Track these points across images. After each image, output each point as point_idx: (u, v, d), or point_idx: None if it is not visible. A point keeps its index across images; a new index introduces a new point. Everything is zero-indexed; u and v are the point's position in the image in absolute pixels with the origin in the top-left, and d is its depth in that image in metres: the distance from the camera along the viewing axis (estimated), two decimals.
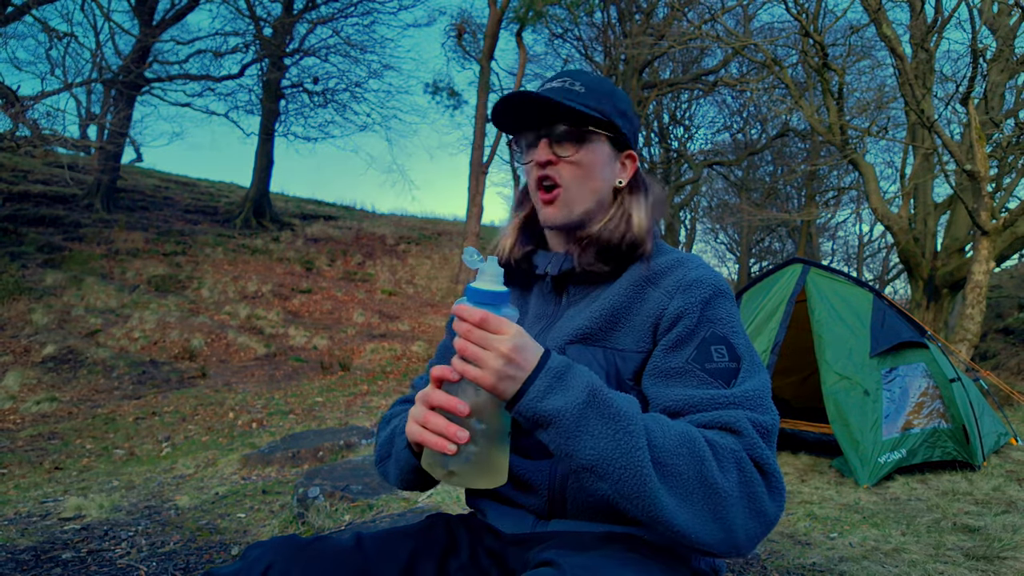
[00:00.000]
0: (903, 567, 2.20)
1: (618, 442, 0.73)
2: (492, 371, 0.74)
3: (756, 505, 0.76)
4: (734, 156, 19.82)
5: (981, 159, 6.69)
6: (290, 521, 2.86)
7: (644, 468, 0.72)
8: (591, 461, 0.73)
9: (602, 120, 0.97)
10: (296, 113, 18.31)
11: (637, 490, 0.72)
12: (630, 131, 1.03)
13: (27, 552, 2.48)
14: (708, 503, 0.74)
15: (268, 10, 16.65)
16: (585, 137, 0.97)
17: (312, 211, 19.71)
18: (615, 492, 0.73)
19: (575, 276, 0.99)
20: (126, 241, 13.19)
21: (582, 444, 0.73)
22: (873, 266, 26.22)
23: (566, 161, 0.97)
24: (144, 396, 7.62)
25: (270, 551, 0.82)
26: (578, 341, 0.93)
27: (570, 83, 0.98)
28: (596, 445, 0.73)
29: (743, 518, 0.75)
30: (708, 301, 0.89)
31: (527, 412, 0.75)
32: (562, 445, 0.75)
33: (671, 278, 0.92)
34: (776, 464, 0.80)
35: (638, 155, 1.06)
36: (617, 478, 0.72)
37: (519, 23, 15.59)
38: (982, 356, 10.26)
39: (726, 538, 0.74)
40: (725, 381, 0.84)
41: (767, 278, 4.52)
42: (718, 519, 0.74)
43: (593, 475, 0.74)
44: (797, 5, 8.79)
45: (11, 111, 9.25)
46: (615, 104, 1.00)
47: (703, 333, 0.87)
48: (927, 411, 3.80)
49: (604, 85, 1.01)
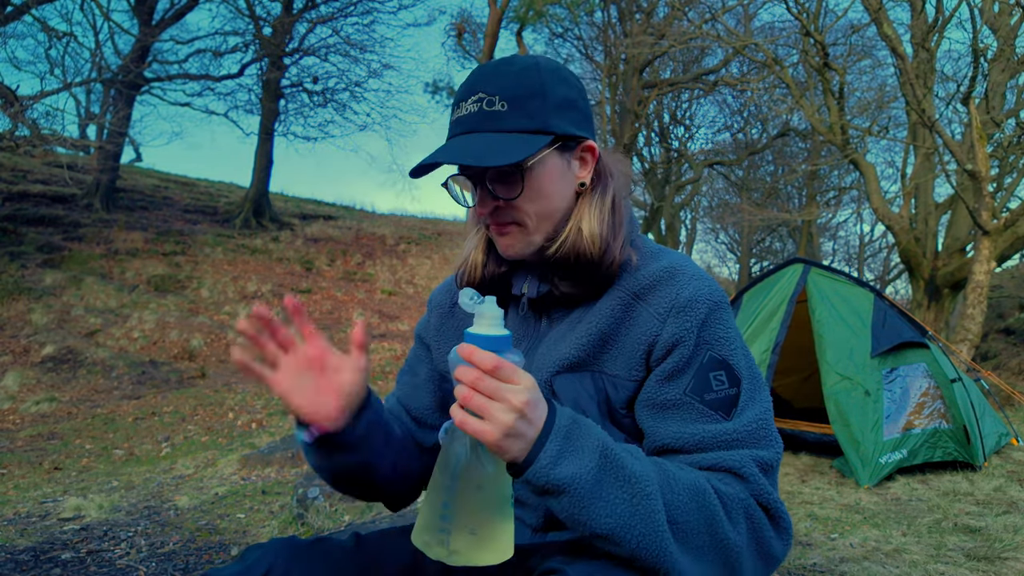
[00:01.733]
0: (904, 568, 2.19)
1: (635, 507, 0.68)
2: (500, 426, 0.64)
3: (765, 549, 0.76)
4: (735, 156, 19.81)
5: (982, 159, 6.69)
6: (289, 522, 2.85)
7: (662, 533, 0.68)
8: (608, 530, 0.68)
9: (539, 136, 0.82)
10: (296, 113, 18.30)
11: (655, 555, 0.69)
12: (578, 119, 0.87)
13: (26, 552, 2.47)
14: (720, 557, 0.73)
15: (268, 9, 16.65)
16: (526, 167, 0.82)
17: (312, 211, 19.70)
18: (632, 556, 0.69)
19: (555, 297, 0.89)
20: (125, 241, 13.19)
21: (598, 512, 0.68)
22: (874, 266, 26.24)
23: (512, 202, 0.84)
24: (143, 396, 7.62)
25: (270, 552, 0.81)
26: (565, 371, 0.85)
27: (488, 101, 0.82)
28: (613, 512, 0.68)
29: (752, 564, 0.75)
30: (704, 322, 0.81)
31: (538, 480, 0.67)
32: (576, 514, 0.68)
33: (662, 296, 0.83)
34: (780, 501, 0.79)
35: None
36: (636, 544, 0.68)
37: (519, 23, 15.60)
38: (983, 356, 10.25)
39: None
40: (725, 411, 0.80)
41: (768, 278, 4.52)
42: (729, 570, 0.74)
43: (609, 543, 0.69)
44: (798, 4, 8.78)
45: (10, 111, 9.25)
46: (550, 101, 0.83)
47: (700, 359, 0.81)
48: (928, 411, 3.79)
49: (530, 82, 0.83)
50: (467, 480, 0.70)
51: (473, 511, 0.69)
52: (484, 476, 0.70)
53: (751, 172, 21.88)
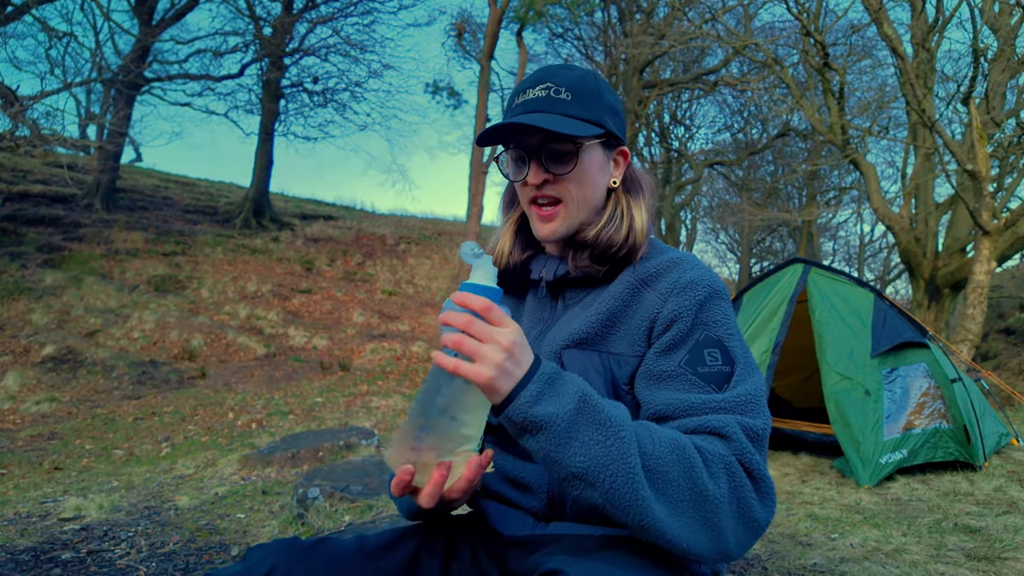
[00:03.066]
0: (904, 568, 2.19)
1: (609, 448, 0.71)
2: (492, 365, 0.70)
3: (746, 511, 0.75)
4: (735, 156, 19.80)
5: (982, 159, 6.69)
6: (290, 522, 2.85)
7: (635, 475, 0.71)
8: (581, 468, 0.71)
9: (594, 127, 0.94)
10: (296, 113, 18.31)
11: (628, 498, 0.71)
12: (619, 126, 0.99)
13: (26, 552, 2.47)
14: (698, 511, 0.73)
15: (268, 9, 16.65)
16: (579, 150, 0.93)
17: (312, 211, 19.70)
18: (605, 500, 0.71)
19: (571, 280, 0.98)
20: (126, 241, 13.18)
21: (572, 451, 0.71)
22: (874, 266, 26.22)
23: (562, 178, 0.94)
24: (144, 396, 7.62)
25: (272, 553, 0.82)
26: (574, 346, 0.91)
27: (555, 90, 0.93)
28: (587, 452, 0.71)
29: (733, 525, 0.74)
30: (703, 304, 0.87)
31: (517, 416, 0.72)
32: (552, 451, 0.72)
33: (666, 280, 0.90)
34: (766, 469, 0.79)
35: (628, 148, 1.03)
36: (608, 486, 0.71)
37: (519, 22, 15.58)
38: (983, 356, 10.25)
39: (716, 546, 0.73)
40: (717, 385, 0.83)
41: (768, 278, 4.52)
42: (708, 527, 0.73)
43: (583, 483, 0.72)
44: (798, 4, 8.78)
45: (11, 111, 9.24)
46: (604, 102, 0.96)
47: (697, 336, 0.85)
48: (928, 411, 3.79)
49: (589, 83, 0.96)
50: (444, 413, 0.75)
51: (444, 440, 0.76)
52: (463, 410, 0.76)
53: (751, 172, 21.87)
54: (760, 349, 4.16)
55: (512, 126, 0.91)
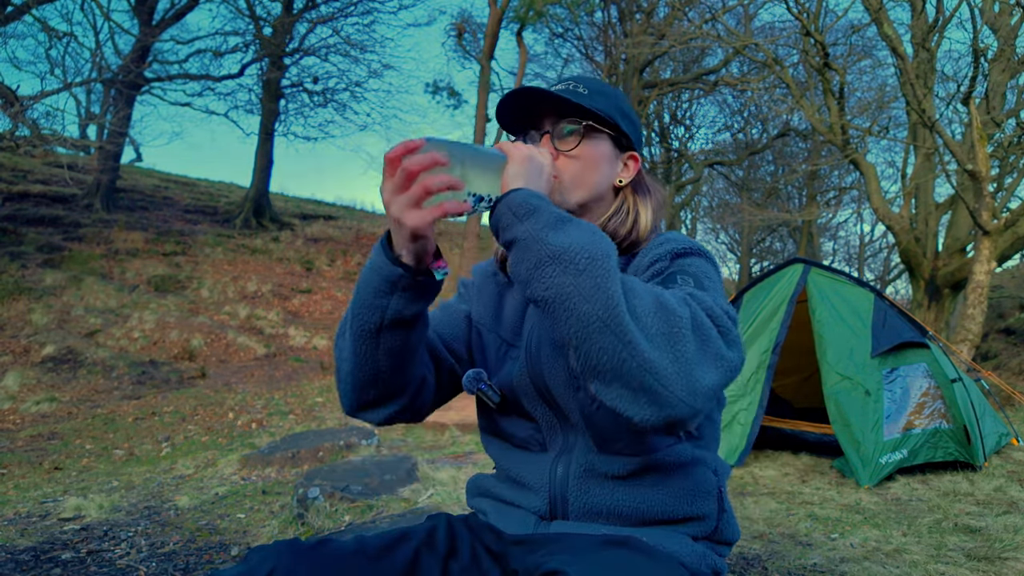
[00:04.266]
0: (904, 568, 2.19)
1: (592, 238, 0.75)
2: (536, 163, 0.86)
3: (713, 347, 0.74)
4: (735, 156, 19.80)
5: (982, 159, 6.68)
6: (290, 522, 2.85)
7: (610, 267, 0.73)
8: (562, 247, 0.73)
9: (604, 118, 0.99)
10: (296, 113, 18.33)
11: (599, 284, 0.70)
12: (632, 133, 1.04)
13: (27, 552, 2.47)
14: (664, 327, 0.71)
15: (268, 9, 16.66)
16: (586, 133, 0.99)
17: (312, 211, 19.71)
18: (575, 286, 0.71)
19: None
20: (126, 241, 13.19)
21: (557, 234, 0.75)
22: (874, 266, 26.24)
23: (566, 155, 0.99)
24: (144, 396, 7.62)
25: (273, 555, 0.82)
26: None
27: (574, 86, 1.00)
28: (571, 236, 0.75)
29: (698, 355, 0.72)
30: (682, 254, 0.91)
31: (517, 199, 0.79)
32: (538, 232, 0.76)
33: (651, 246, 0.96)
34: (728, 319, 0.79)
35: (642, 158, 1.07)
36: (583, 268, 0.71)
37: (519, 22, 15.57)
38: (983, 356, 10.25)
39: (681, 374, 0.70)
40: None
41: (768, 278, 4.51)
42: (672, 347, 0.70)
43: (558, 264, 0.73)
44: (798, 4, 8.78)
45: (11, 111, 9.24)
46: (618, 105, 1.03)
47: (672, 269, 0.89)
48: (928, 411, 3.79)
49: (607, 88, 1.04)
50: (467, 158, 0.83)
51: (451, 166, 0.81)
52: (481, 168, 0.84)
53: (751, 172, 21.88)
54: (760, 349, 4.16)
55: (528, 106, 0.99)
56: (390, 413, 0.97)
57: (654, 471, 0.92)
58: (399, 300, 0.85)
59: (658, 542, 0.87)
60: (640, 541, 0.81)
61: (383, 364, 0.90)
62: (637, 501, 0.91)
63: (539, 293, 0.75)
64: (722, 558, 0.96)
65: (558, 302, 0.72)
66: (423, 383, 0.99)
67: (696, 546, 0.92)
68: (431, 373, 1.01)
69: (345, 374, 0.93)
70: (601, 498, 0.92)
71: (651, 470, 0.92)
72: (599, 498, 0.92)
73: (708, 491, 0.94)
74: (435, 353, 1.03)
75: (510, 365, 1.00)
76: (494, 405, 0.99)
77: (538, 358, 0.96)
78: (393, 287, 0.85)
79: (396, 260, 0.84)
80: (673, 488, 0.92)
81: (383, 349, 0.88)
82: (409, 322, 0.88)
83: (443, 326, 1.09)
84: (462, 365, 1.07)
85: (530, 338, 0.99)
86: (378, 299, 0.86)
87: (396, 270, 0.83)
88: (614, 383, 0.71)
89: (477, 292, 1.12)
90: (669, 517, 0.92)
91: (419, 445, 5.05)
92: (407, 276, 0.84)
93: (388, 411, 0.96)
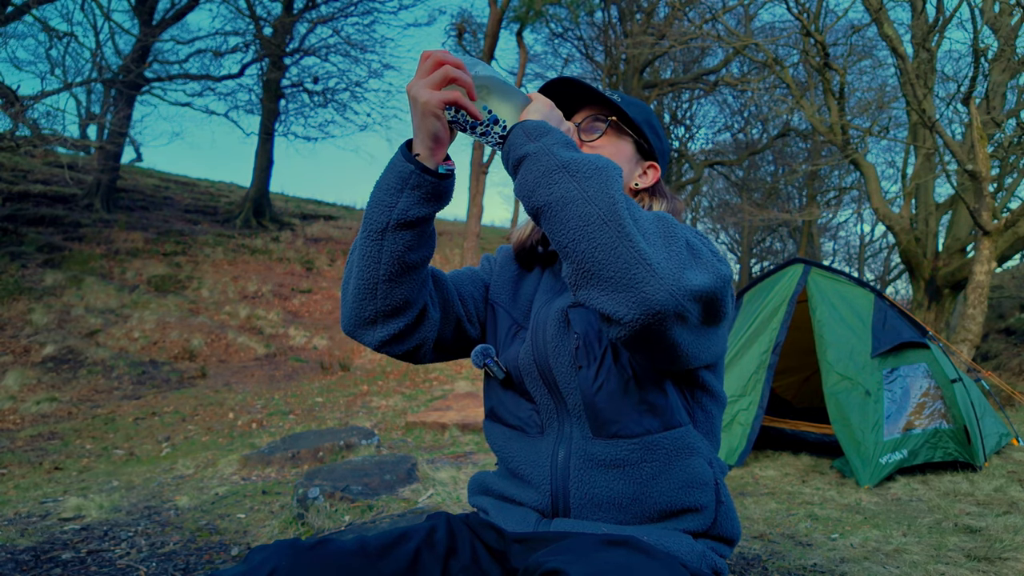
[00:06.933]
0: (904, 568, 2.19)
1: (600, 157, 0.82)
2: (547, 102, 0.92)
3: (706, 259, 0.80)
4: (735, 156, 19.80)
5: (983, 159, 6.68)
6: (290, 522, 2.85)
7: (615, 175, 0.79)
8: (571, 158, 0.80)
9: (630, 119, 1.06)
10: (296, 113, 18.33)
11: (603, 189, 0.77)
12: (656, 145, 1.11)
13: (27, 552, 2.47)
14: (663, 233, 0.78)
15: (268, 9, 16.67)
16: (611, 129, 1.07)
17: (312, 211, 19.72)
18: (580, 190, 0.77)
19: None
20: (126, 241, 13.19)
21: (567, 150, 0.82)
22: (874, 266, 26.23)
23: (589, 145, 1.06)
24: (144, 396, 7.62)
25: (274, 555, 0.82)
26: (579, 305, 0.97)
27: (610, 92, 1.09)
28: (580, 152, 0.83)
29: (692, 260, 0.78)
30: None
31: (531, 123, 0.86)
32: (548, 146, 0.82)
33: None
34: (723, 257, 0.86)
35: (663, 172, 1.12)
36: (590, 175, 0.78)
37: (519, 22, 15.58)
38: (983, 356, 10.25)
39: (675, 270, 0.75)
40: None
41: (768, 278, 4.52)
42: (669, 250, 0.76)
43: (566, 171, 0.79)
44: (798, 5, 8.78)
45: (11, 111, 9.25)
46: (647, 117, 1.10)
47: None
48: (928, 411, 3.79)
49: (640, 102, 1.13)
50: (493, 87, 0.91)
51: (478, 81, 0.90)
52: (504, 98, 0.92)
53: (751, 172, 21.87)
54: (760, 349, 4.16)
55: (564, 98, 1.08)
56: (386, 336, 0.97)
57: (651, 461, 0.92)
58: (408, 199, 0.90)
59: (658, 541, 0.87)
60: (640, 541, 0.81)
61: (383, 271, 0.92)
62: (636, 492, 0.92)
63: (543, 199, 0.80)
64: (723, 558, 0.96)
65: (561, 205, 0.78)
66: (424, 315, 1.00)
67: (696, 545, 0.92)
68: (435, 308, 1.02)
69: (349, 289, 0.97)
70: (601, 488, 0.93)
71: (648, 460, 0.92)
72: (599, 488, 0.93)
73: (705, 482, 0.95)
74: (447, 298, 1.06)
75: (517, 345, 1.03)
76: (498, 380, 1.03)
77: (543, 339, 0.97)
78: (404, 184, 0.90)
79: (410, 158, 0.90)
80: (670, 479, 0.93)
81: (386, 252, 0.92)
82: (413, 224, 0.91)
83: (462, 282, 1.12)
84: (471, 324, 1.10)
85: (536, 319, 1.01)
86: (389, 196, 0.91)
87: (408, 166, 0.90)
88: (605, 281, 0.75)
89: (499, 269, 1.16)
90: (667, 507, 0.92)
91: (419, 445, 5.05)
92: (417, 172, 0.89)
93: (384, 332, 0.97)
